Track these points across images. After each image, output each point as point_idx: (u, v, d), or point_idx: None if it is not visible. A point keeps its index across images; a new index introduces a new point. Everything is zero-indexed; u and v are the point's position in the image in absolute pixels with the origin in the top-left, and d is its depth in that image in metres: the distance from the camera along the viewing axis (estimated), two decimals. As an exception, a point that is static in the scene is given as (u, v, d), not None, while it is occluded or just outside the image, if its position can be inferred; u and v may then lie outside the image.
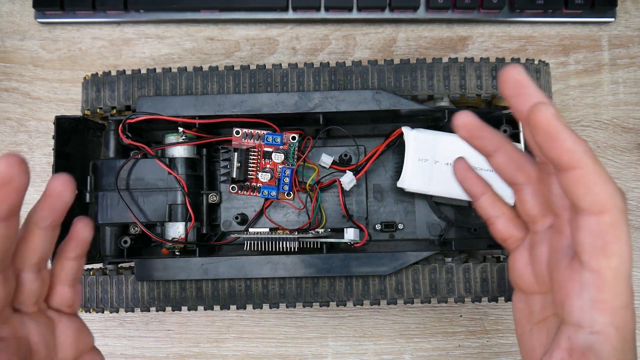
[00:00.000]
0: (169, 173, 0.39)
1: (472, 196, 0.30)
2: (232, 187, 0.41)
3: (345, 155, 0.41)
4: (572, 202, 0.22)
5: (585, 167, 0.21)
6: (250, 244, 0.39)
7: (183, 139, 0.40)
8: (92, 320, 0.45)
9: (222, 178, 0.42)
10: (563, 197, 0.24)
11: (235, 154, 0.40)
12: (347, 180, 0.40)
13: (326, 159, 0.41)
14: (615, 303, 0.22)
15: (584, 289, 0.22)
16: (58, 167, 0.39)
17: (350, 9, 0.46)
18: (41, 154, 0.46)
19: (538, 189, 0.26)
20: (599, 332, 0.22)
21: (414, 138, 0.39)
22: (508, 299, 0.38)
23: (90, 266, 0.41)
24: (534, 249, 0.27)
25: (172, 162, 0.40)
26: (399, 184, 0.40)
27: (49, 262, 0.28)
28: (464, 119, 0.26)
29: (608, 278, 0.22)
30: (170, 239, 0.40)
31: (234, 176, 0.40)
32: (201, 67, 0.40)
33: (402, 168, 0.40)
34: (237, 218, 0.41)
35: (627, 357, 0.22)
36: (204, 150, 0.41)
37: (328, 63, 0.40)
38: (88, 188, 0.40)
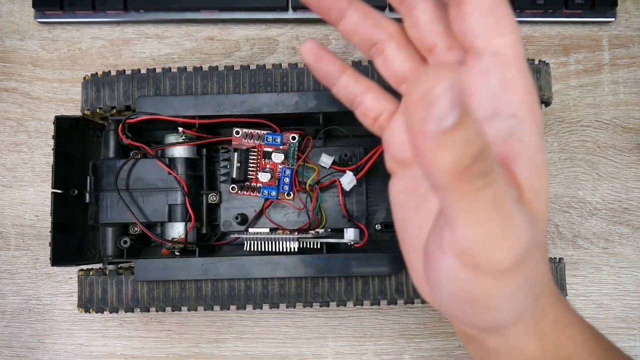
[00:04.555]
0: (169, 173, 0.39)
1: (329, 79, 0.27)
2: (232, 187, 0.41)
3: (345, 155, 0.41)
4: None
5: None
6: (250, 244, 0.39)
7: (183, 139, 0.40)
8: (91, 320, 0.45)
9: (222, 178, 0.42)
10: (433, 24, 0.23)
11: (235, 154, 0.40)
12: (347, 180, 0.40)
13: (326, 159, 0.41)
14: (523, 82, 0.21)
15: (489, 74, 0.21)
16: (58, 167, 0.39)
17: (350, 9, 0.46)
18: (41, 154, 0.46)
19: (402, 41, 0.25)
20: (515, 114, 0.21)
21: (414, 138, 0.39)
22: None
23: (90, 266, 0.41)
24: None
25: (172, 162, 0.40)
26: (399, 184, 0.40)
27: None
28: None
29: (509, 56, 0.21)
30: (170, 239, 0.40)
31: (234, 176, 0.40)
32: (201, 67, 0.40)
33: (402, 168, 0.40)
34: (237, 218, 0.41)
35: (542, 140, 0.21)
36: (204, 150, 0.41)
37: (328, 63, 0.40)
38: (88, 188, 0.40)
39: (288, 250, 0.38)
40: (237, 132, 0.41)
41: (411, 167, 0.25)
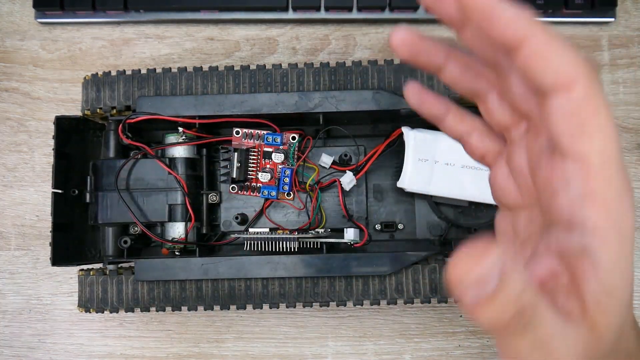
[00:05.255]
0: (169, 173, 0.39)
1: (435, 120, 0.26)
2: (232, 187, 0.41)
3: (345, 155, 0.41)
4: (535, 86, 0.18)
5: (535, 37, 0.18)
6: (250, 244, 0.39)
7: (183, 139, 0.40)
8: (92, 320, 0.45)
9: (222, 178, 0.42)
10: (527, 93, 0.21)
11: (235, 154, 0.40)
12: (347, 180, 0.40)
13: (326, 159, 0.41)
14: (607, 193, 0.18)
15: (570, 182, 0.19)
16: (58, 167, 0.39)
17: (350, 9, 0.46)
18: (41, 154, 0.46)
19: (504, 93, 0.23)
20: (593, 231, 0.18)
21: (414, 138, 0.39)
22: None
23: (90, 266, 0.41)
24: (512, 159, 0.24)
25: (172, 162, 0.40)
26: (399, 184, 0.40)
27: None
28: (401, 34, 0.23)
29: (594, 163, 0.18)
30: (170, 239, 0.40)
31: (234, 176, 0.40)
32: (201, 67, 0.40)
33: (402, 168, 0.40)
34: (237, 218, 0.41)
35: (627, 261, 0.19)
36: (204, 150, 0.41)
37: (328, 63, 0.40)
38: (88, 188, 0.40)
39: (288, 250, 0.38)
40: (237, 132, 0.41)
41: (515, 212, 0.24)
